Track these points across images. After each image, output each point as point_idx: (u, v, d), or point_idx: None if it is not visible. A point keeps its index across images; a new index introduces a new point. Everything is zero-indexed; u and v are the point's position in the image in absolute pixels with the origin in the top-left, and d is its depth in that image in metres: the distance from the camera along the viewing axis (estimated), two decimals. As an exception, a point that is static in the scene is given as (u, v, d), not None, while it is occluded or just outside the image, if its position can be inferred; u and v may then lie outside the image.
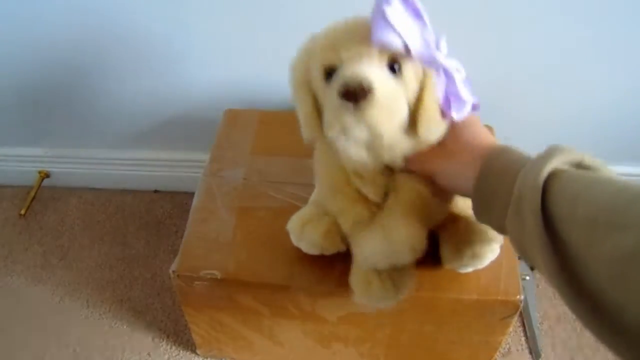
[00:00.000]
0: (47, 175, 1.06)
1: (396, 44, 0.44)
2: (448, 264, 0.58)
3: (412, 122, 0.48)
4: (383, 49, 0.45)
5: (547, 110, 0.87)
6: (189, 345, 0.84)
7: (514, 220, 0.41)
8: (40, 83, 0.89)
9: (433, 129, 0.48)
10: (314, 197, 0.64)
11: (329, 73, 0.48)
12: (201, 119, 0.93)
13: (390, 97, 0.45)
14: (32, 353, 0.83)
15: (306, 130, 0.52)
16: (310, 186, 0.67)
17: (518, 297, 0.60)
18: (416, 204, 0.52)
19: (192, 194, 0.72)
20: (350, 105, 0.44)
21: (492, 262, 0.58)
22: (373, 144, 0.48)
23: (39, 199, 1.06)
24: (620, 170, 0.96)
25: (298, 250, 0.62)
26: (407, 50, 0.45)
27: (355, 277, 0.56)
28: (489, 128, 0.80)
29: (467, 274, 0.61)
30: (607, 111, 0.86)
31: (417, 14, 0.46)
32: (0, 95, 0.92)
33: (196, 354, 0.83)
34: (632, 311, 0.32)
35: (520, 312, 0.86)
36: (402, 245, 0.50)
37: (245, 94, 0.88)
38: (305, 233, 0.59)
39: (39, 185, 1.06)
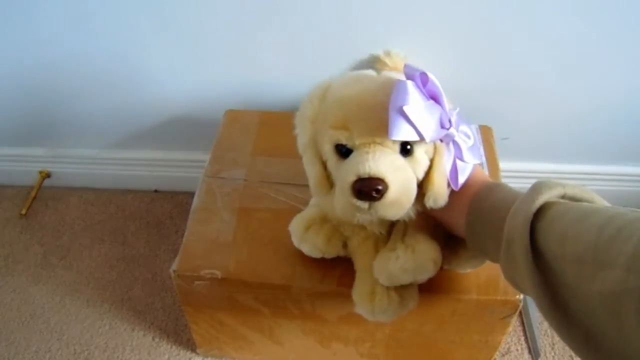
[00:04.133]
0: (47, 175, 1.06)
1: (411, 137, 0.44)
2: (447, 265, 0.58)
3: (419, 192, 0.49)
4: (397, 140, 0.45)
5: (547, 111, 0.88)
6: (189, 345, 0.84)
7: (506, 259, 0.43)
8: (41, 83, 0.90)
9: (439, 200, 0.50)
10: (315, 199, 0.65)
11: (340, 147, 0.48)
12: (202, 120, 0.93)
13: (402, 193, 0.46)
14: (32, 352, 0.84)
15: (314, 192, 0.53)
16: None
17: (517, 296, 0.60)
18: (427, 224, 0.55)
19: (192, 194, 0.73)
20: (364, 203, 0.45)
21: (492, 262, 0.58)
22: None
23: (39, 198, 1.06)
24: (620, 171, 0.96)
25: (298, 251, 0.62)
26: (422, 138, 0.45)
27: (360, 290, 0.57)
28: (488, 128, 0.80)
29: (466, 274, 0.61)
30: (607, 111, 0.87)
31: (434, 98, 0.46)
32: (1, 96, 0.93)
33: (196, 353, 0.83)
34: (625, 344, 0.32)
35: (520, 312, 0.86)
36: (428, 261, 0.52)
37: (246, 95, 0.88)
38: (307, 237, 0.60)
39: (40, 185, 1.06)
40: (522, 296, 0.61)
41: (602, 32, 0.75)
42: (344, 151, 0.48)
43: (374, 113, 0.45)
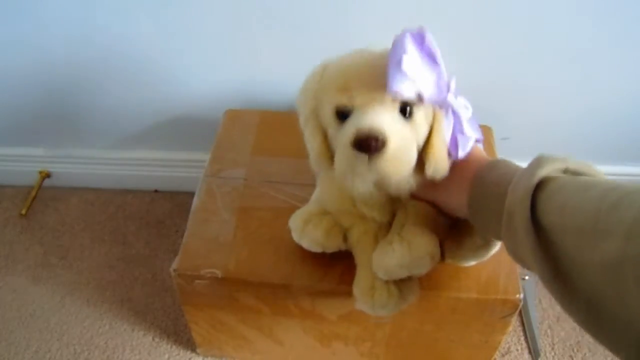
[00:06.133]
0: (47, 175, 1.06)
1: (410, 93, 0.45)
2: (450, 258, 0.58)
3: (420, 161, 0.49)
4: (396, 96, 0.45)
5: (547, 110, 0.88)
6: (189, 345, 0.84)
7: (507, 233, 0.43)
8: (41, 84, 0.90)
9: (440, 169, 0.49)
10: (315, 195, 0.65)
11: (341, 112, 0.48)
12: (202, 119, 0.93)
13: (402, 149, 0.46)
14: (32, 352, 0.84)
15: (315, 165, 0.53)
16: (310, 186, 0.67)
17: (518, 296, 0.61)
18: (426, 216, 0.55)
19: (192, 194, 0.73)
20: (363, 156, 0.45)
21: (492, 261, 0.58)
22: (381, 183, 0.50)
23: (39, 198, 1.06)
24: (620, 171, 0.96)
25: (299, 249, 0.62)
26: (420, 97, 0.45)
27: (360, 285, 0.57)
28: (489, 128, 0.80)
29: (466, 273, 0.61)
30: (607, 111, 0.87)
31: (432, 59, 0.46)
32: (0, 96, 0.93)
33: (196, 353, 0.83)
34: (626, 312, 0.33)
35: (520, 312, 0.86)
36: (424, 255, 0.52)
37: (246, 95, 0.89)
38: (307, 231, 0.60)
39: (40, 185, 1.06)
40: (522, 295, 0.61)
41: (602, 31, 0.76)
42: (344, 116, 0.48)
43: (374, 74, 0.46)
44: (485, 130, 0.80)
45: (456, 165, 0.51)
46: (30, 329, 0.87)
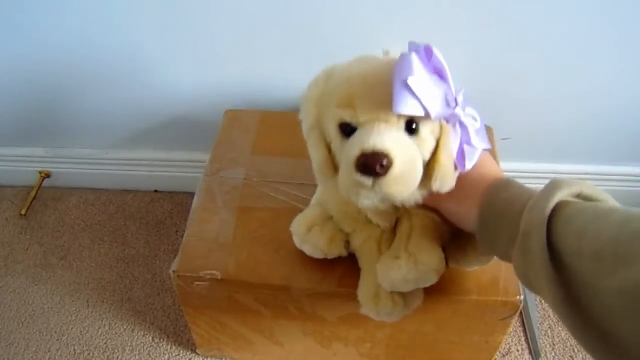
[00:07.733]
0: (47, 175, 1.06)
1: (417, 112, 0.43)
2: (453, 263, 0.58)
3: (426, 174, 0.48)
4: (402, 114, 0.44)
5: (547, 110, 0.87)
6: (189, 345, 0.84)
7: (520, 255, 0.42)
8: (41, 83, 0.89)
9: (446, 184, 0.48)
10: (316, 198, 0.64)
11: (344, 127, 0.47)
12: (202, 120, 0.93)
13: (407, 169, 0.45)
14: (32, 353, 0.84)
15: (318, 175, 0.52)
16: (310, 186, 0.67)
17: (518, 297, 0.60)
18: (431, 227, 0.54)
19: (192, 194, 0.73)
20: (367, 178, 0.43)
21: (492, 263, 0.58)
22: (386, 199, 0.48)
23: (39, 198, 1.06)
24: (620, 171, 0.96)
25: (298, 251, 0.62)
26: (427, 114, 0.44)
27: (365, 292, 0.57)
28: (489, 128, 0.80)
29: (467, 274, 0.61)
30: (608, 110, 0.86)
31: (439, 73, 0.45)
32: (0, 96, 0.93)
33: (196, 353, 0.83)
34: None
35: (520, 312, 0.86)
36: (429, 271, 0.51)
37: (246, 95, 0.88)
38: (309, 237, 0.60)
39: (40, 185, 1.06)
40: (522, 297, 0.61)
41: (604, 32, 0.75)
42: (348, 131, 0.47)
43: (379, 89, 0.44)
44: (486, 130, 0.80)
45: (466, 176, 0.49)
46: (29, 329, 0.87)
